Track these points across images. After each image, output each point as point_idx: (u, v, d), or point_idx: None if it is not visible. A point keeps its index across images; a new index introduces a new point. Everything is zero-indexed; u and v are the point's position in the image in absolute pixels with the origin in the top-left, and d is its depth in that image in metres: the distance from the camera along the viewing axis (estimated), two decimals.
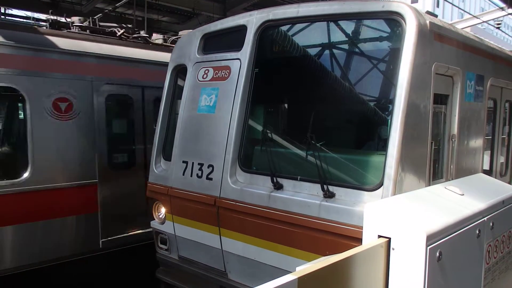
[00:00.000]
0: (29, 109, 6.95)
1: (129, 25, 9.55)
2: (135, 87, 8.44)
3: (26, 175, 6.92)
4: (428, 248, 2.92)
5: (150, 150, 8.22)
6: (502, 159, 7.28)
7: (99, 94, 7.82)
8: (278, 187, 5.06)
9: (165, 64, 8.31)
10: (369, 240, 3.13)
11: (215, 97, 5.74)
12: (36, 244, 7.13)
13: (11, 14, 18.04)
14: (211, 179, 5.61)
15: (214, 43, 6.10)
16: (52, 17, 9.65)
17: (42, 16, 19.93)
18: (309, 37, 5.43)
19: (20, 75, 6.92)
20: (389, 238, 3.04)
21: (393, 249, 3.02)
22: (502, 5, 17.61)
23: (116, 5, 14.65)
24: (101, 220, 7.85)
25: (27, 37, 7.17)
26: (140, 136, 8.59)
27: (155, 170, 6.47)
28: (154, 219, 6.58)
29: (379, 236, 3.09)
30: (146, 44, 9.26)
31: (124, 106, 8.55)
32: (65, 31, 8.32)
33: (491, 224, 3.86)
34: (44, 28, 8.63)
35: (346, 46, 5.25)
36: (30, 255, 7.08)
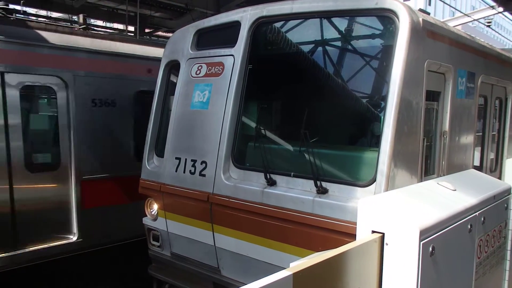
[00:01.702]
0: None
1: None
2: None
3: None
4: (421, 243, 2.95)
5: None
6: (492, 155, 7.35)
7: None
8: (271, 183, 5.07)
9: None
10: (363, 235, 3.15)
11: (208, 93, 5.73)
12: None
13: None
14: (204, 175, 5.61)
15: (207, 39, 6.08)
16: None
17: (32, 11, 19.73)
18: (303, 34, 5.44)
19: None
20: (383, 234, 3.06)
21: (386, 244, 3.04)
22: (492, 3, 17.74)
23: None
24: None
25: None
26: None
27: (147, 166, 6.45)
28: (147, 216, 6.56)
29: (373, 232, 3.11)
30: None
31: None
32: None
33: (482, 219, 3.91)
34: None
35: (339, 43, 5.27)
36: None
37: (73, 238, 7.71)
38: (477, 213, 3.84)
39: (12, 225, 7.05)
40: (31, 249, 7.20)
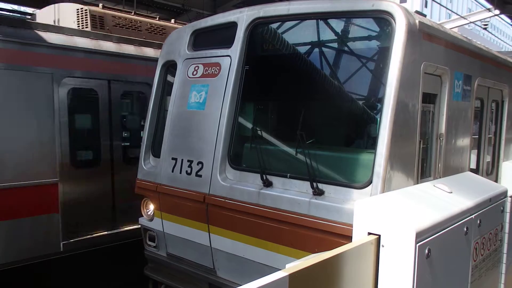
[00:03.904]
0: None
1: None
2: None
3: None
4: (417, 245, 2.95)
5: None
6: (488, 158, 7.37)
7: None
8: (267, 184, 5.06)
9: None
10: (359, 237, 3.15)
11: (205, 94, 5.73)
12: None
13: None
14: (200, 176, 5.59)
15: (204, 40, 6.07)
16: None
17: (29, 10, 19.66)
18: (300, 35, 5.43)
19: None
20: (379, 235, 3.06)
21: (382, 246, 3.04)
22: (489, 6, 17.81)
23: None
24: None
25: None
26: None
27: (144, 166, 6.43)
28: (143, 216, 6.54)
29: (369, 233, 3.11)
30: None
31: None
32: None
33: (478, 221, 3.91)
34: None
35: (336, 45, 5.27)
36: None
37: None
38: (473, 216, 3.84)
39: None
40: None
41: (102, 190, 8.07)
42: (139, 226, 7.31)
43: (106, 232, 8.10)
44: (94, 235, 7.92)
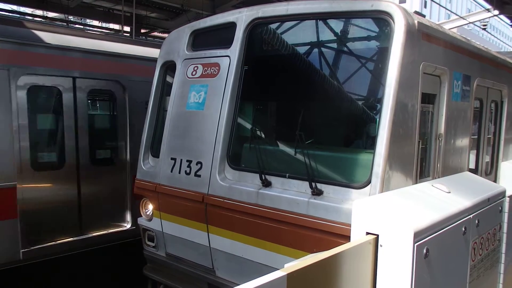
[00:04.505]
0: None
1: None
2: None
3: None
4: (416, 245, 2.95)
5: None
6: (487, 158, 7.37)
7: None
8: (266, 184, 5.06)
9: None
10: (357, 237, 3.15)
11: (204, 94, 5.73)
12: None
13: None
14: (199, 176, 5.60)
15: (203, 40, 6.08)
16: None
17: (28, 11, 19.66)
18: (299, 35, 5.44)
19: None
20: (377, 235, 3.06)
21: (381, 246, 3.04)
22: (488, 6, 17.82)
23: None
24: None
25: None
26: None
27: (143, 166, 6.44)
28: (142, 216, 6.54)
29: (367, 233, 3.11)
30: None
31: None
32: None
33: (476, 221, 3.91)
34: None
35: (335, 45, 5.28)
36: None
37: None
38: (471, 216, 3.84)
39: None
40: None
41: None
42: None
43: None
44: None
